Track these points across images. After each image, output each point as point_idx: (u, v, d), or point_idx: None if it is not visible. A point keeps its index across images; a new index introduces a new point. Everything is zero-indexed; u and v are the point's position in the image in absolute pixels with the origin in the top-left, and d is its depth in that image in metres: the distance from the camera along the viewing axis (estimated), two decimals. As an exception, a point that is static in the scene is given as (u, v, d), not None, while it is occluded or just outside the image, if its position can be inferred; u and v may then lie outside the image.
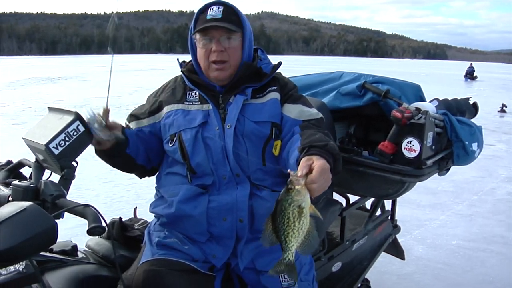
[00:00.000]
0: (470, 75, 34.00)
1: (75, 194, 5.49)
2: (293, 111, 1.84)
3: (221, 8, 1.80)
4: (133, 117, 1.96)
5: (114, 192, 5.68)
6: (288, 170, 1.39)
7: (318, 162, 1.43)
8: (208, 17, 1.79)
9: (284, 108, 1.86)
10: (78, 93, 18.03)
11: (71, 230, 2.77)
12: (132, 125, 1.94)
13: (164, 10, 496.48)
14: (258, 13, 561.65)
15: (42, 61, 68.13)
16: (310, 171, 1.38)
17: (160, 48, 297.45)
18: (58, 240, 1.76)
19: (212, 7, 1.81)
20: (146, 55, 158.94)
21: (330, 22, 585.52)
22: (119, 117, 1.78)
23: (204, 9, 1.82)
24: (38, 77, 27.73)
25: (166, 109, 1.89)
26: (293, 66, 30.49)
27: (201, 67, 1.87)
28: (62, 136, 1.56)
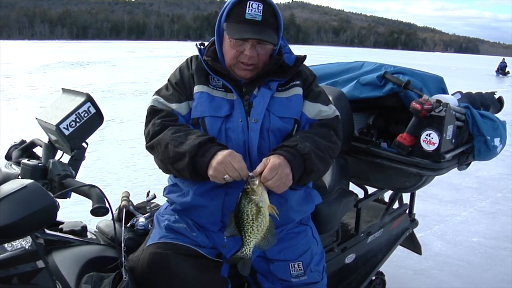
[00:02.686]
0: (502, 70, 33.14)
1: (97, 177, 5.59)
2: (312, 110, 1.82)
3: (261, 6, 1.69)
4: (176, 97, 1.80)
5: (136, 177, 5.72)
6: (246, 171, 1.47)
7: (272, 160, 1.48)
8: (247, 16, 1.68)
9: (304, 106, 1.83)
10: (106, 78, 18.31)
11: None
12: (182, 107, 1.79)
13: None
14: (289, 2, 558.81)
15: (72, 45, 69.15)
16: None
17: (189, 35, 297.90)
18: (68, 220, 1.79)
19: (251, 2, 1.68)
20: (175, 42, 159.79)
21: (361, 13, 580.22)
22: (144, 103, 1.75)
23: (241, 0, 1.70)
24: (68, 62, 28.16)
25: (195, 89, 1.80)
26: (322, 56, 30.28)
27: (226, 61, 1.79)
28: (73, 117, 1.58)
